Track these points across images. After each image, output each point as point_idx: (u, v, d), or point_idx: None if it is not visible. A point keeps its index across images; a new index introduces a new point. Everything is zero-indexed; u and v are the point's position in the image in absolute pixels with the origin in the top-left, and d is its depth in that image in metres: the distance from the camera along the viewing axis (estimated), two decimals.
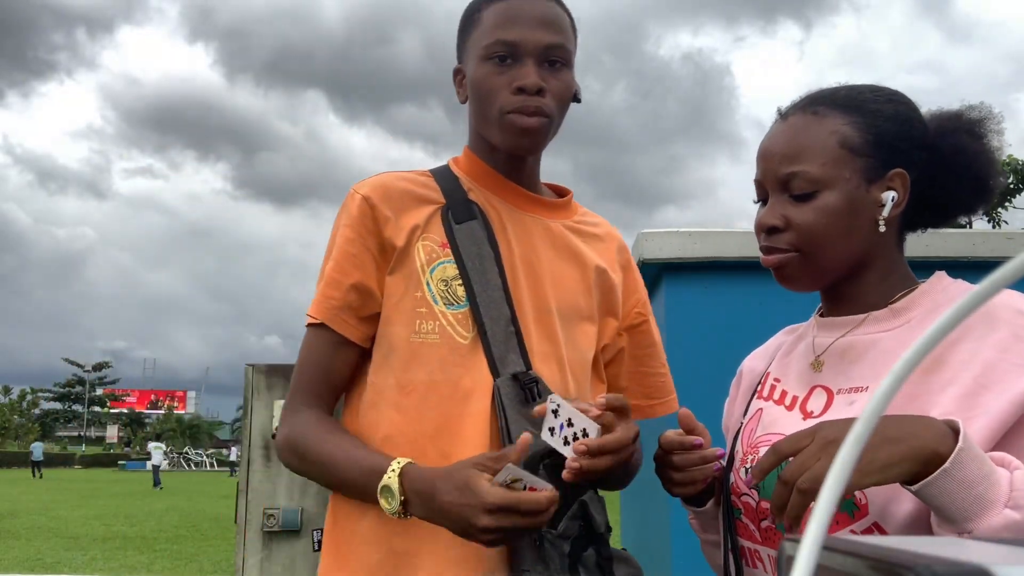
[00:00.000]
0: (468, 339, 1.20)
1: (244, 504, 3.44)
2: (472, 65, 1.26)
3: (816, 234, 1.04)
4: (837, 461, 0.31)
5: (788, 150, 1.06)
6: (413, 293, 1.22)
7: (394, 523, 1.15)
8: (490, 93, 1.23)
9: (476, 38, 1.26)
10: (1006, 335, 0.94)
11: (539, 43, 1.22)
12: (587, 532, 1.14)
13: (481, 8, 1.27)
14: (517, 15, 1.23)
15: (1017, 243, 2.05)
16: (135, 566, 9.49)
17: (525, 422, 1.16)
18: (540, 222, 1.31)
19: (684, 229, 2.03)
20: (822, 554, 0.28)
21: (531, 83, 1.20)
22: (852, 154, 1.04)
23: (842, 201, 1.04)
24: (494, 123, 1.24)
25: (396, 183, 1.29)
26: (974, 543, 0.33)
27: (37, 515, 15.34)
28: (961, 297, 1.01)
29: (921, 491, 0.82)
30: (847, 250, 1.06)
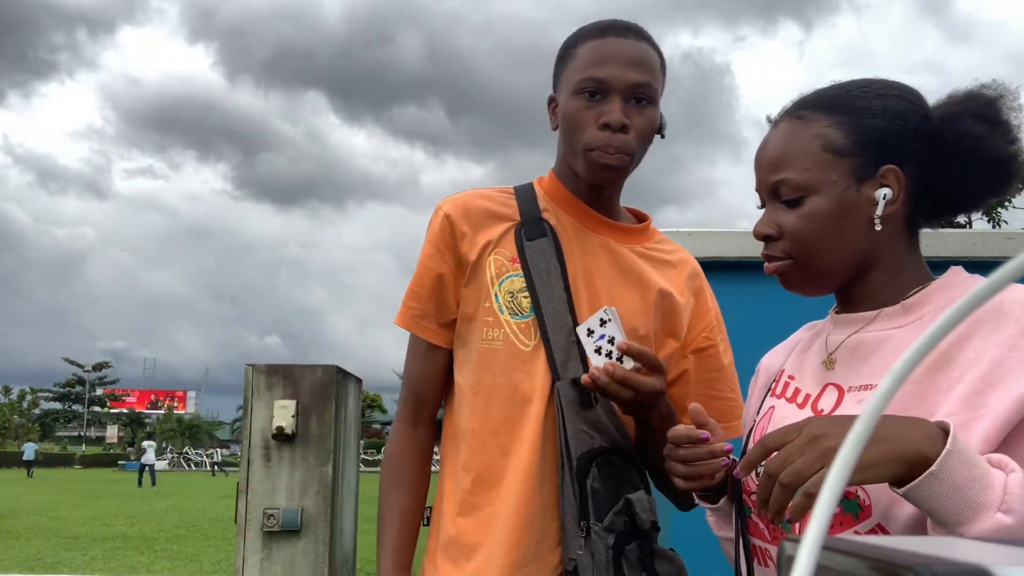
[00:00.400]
0: (530, 347, 1.32)
1: (244, 504, 3.44)
2: (564, 97, 1.36)
3: (806, 240, 1.04)
4: (838, 461, 0.31)
5: (773, 158, 1.07)
6: (483, 303, 1.35)
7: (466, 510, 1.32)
8: (578, 126, 1.33)
9: (570, 72, 1.35)
10: (1014, 332, 0.92)
11: (627, 81, 1.31)
12: (632, 528, 1.26)
13: (577, 44, 1.37)
14: (609, 54, 1.32)
15: (1017, 243, 2.05)
16: (135, 566, 9.49)
17: (582, 423, 1.28)
18: (608, 244, 1.41)
19: (684, 229, 2.03)
20: (822, 554, 0.28)
21: (615, 120, 1.30)
22: (837, 156, 1.04)
23: (831, 204, 1.03)
24: (579, 155, 1.34)
25: (476, 201, 1.41)
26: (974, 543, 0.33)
27: (37, 515, 15.35)
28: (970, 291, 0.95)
29: (909, 494, 0.82)
30: (843, 252, 1.05)
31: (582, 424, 1.27)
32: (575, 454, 1.26)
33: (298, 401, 3.61)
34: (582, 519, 1.24)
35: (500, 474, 1.30)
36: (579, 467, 1.26)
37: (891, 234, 1.05)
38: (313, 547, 3.48)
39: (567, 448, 1.27)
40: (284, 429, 3.54)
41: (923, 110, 1.05)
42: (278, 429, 3.53)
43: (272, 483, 3.52)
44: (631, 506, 1.26)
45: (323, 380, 3.68)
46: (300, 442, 3.57)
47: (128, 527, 13.49)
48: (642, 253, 1.42)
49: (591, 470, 1.25)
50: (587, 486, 1.25)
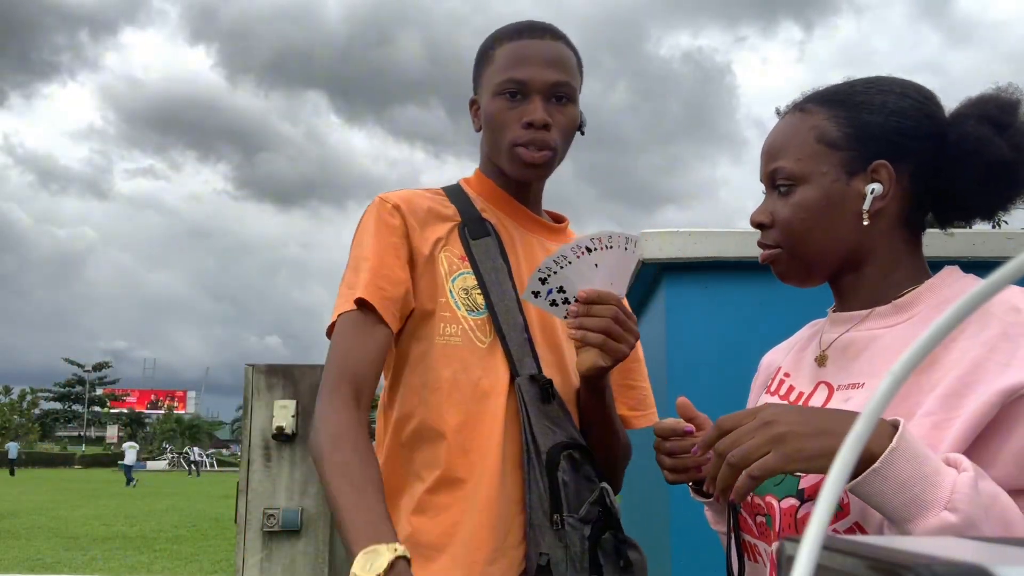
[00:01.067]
0: (486, 343, 1.32)
1: (244, 504, 3.45)
2: (486, 99, 1.39)
3: (794, 229, 1.06)
4: (838, 461, 0.31)
5: (772, 147, 1.10)
6: (439, 299, 1.33)
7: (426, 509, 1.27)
8: (501, 126, 1.36)
9: (489, 74, 1.39)
10: (996, 333, 0.91)
11: (546, 81, 1.35)
12: (606, 517, 1.27)
13: (494, 46, 1.40)
14: (527, 55, 1.36)
15: (1017, 243, 2.05)
16: (135, 566, 9.49)
17: (543, 418, 1.29)
18: (543, 243, 1.45)
19: (684, 229, 2.03)
20: (822, 554, 0.28)
21: (538, 118, 1.33)
22: (829, 148, 1.05)
23: (818, 195, 1.05)
24: (504, 154, 1.37)
25: (417, 199, 1.39)
26: (974, 543, 0.33)
27: (37, 515, 15.35)
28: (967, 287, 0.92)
29: (854, 490, 0.83)
30: (830, 244, 1.06)
31: (544, 419, 1.29)
32: (543, 448, 1.26)
33: (298, 401, 3.61)
34: (554, 512, 1.24)
35: (464, 472, 1.27)
36: (549, 460, 1.26)
37: (884, 230, 1.04)
38: (313, 547, 3.48)
39: (534, 442, 1.27)
40: (284, 429, 3.54)
41: (928, 109, 1.04)
42: (278, 429, 3.54)
43: (272, 483, 3.52)
44: (606, 495, 1.28)
45: None
46: (300, 442, 3.57)
47: (128, 527, 13.49)
48: None
49: (561, 463, 1.26)
50: (558, 479, 1.25)
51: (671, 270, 2.04)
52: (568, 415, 1.32)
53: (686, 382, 1.92)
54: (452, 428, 1.29)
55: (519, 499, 1.27)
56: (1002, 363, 0.89)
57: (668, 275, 2.05)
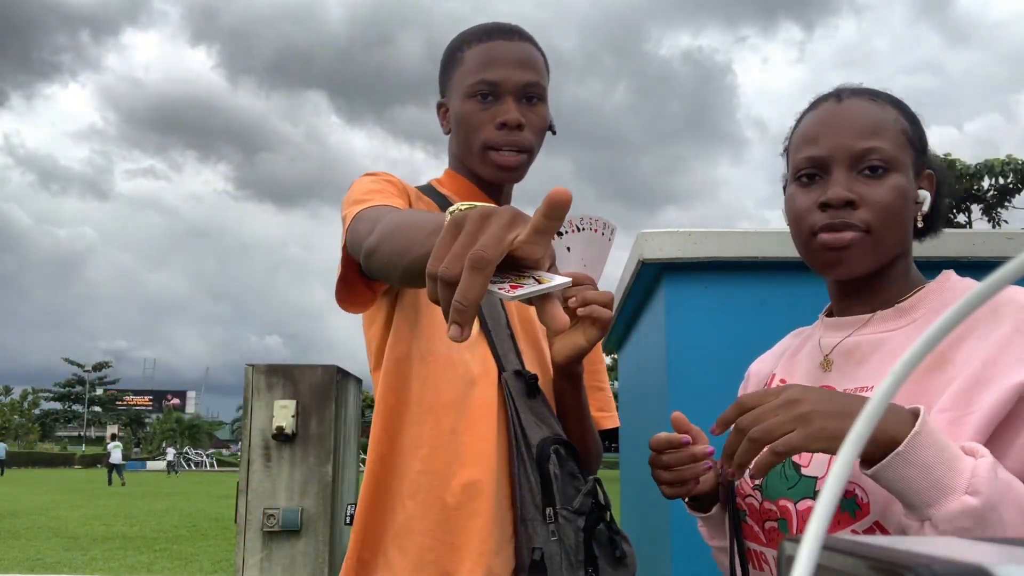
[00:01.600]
0: (474, 332, 1.29)
1: (244, 504, 3.45)
2: (456, 101, 1.38)
3: (889, 212, 1.03)
4: (838, 460, 0.31)
5: (865, 125, 1.05)
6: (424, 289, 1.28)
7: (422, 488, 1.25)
8: (474, 128, 1.35)
9: (459, 76, 1.38)
10: (1008, 330, 0.94)
11: (518, 82, 1.35)
12: (598, 508, 1.26)
13: (463, 48, 1.39)
14: (498, 57, 1.35)
15: (1017, 243, 2.05)
16: (135, 566, 9.49)
17: (529, 412, 1.28)
18: None
19: (684, 229, 2.03)
20: (822, 554, 0.28)
21: (512, 118, 1.33)
22: (909, 145, 1.06)
23: (906, 186, 1.05)
24: (476, 156, 1.36)
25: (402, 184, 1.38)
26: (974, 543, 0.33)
27: (37, 515, 15.35)
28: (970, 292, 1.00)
29: (877, 474, 0.84)
30: (902, 237, 1.06)
31: (530, 413, 1.28)
32: (533, 441, 1.26)
33: (298, 401, 3.61)
34: (547, 506, 1.23)
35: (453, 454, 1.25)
36: (540, 453, 1.25)
37: (912, 236, 1.09)
38: (313, 547, 3.48)
39: (524, 436, 1.26)
40: (284, 429, 3.54)
41: None
42: (278, 429, 3.54)
43: (272, 483, 3.53)
44: (598, 486, 1.27)
45: (323, 380, 3.68)
46: (300, 442, 3.57)
47: (128, 527, 13.48)
48: None
49: (551, 456, 1.26)
50: (550, 472, 1.24)
51: (671, 270, 2.04)
52: (551, 411, 1.32)
53: (686, 382, 1.92)
54: (443, 404, 1.26)
55: (508, 494, 1.26)
56: (1015, 360, 0.92)
57: (668, 275, 2.05)
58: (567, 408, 1.34)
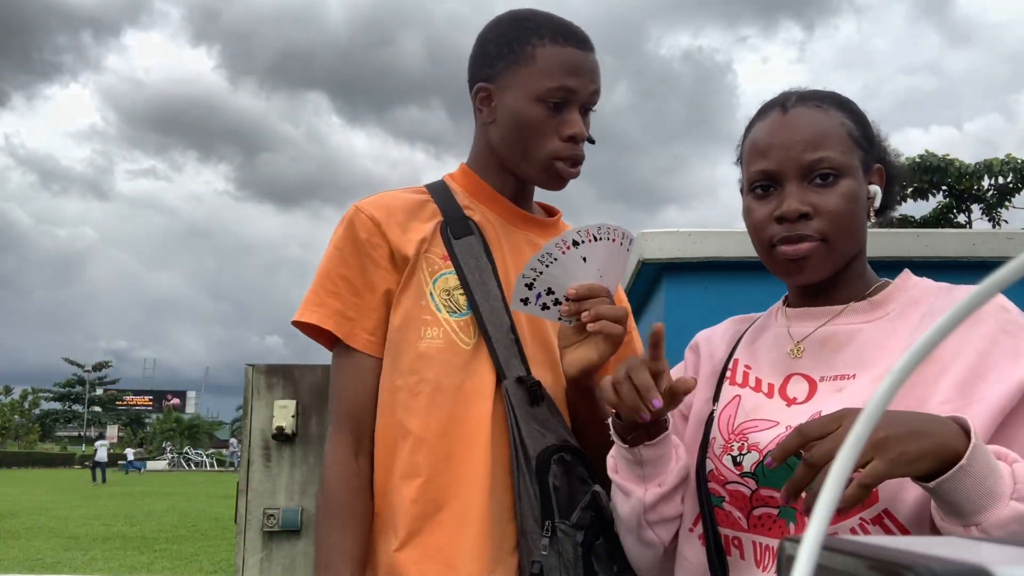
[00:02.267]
0: (471, 345, 1.28)
1: (244, 504, 3.44)
2: (520, 98, 1.30)
3: (842, 220, 1.05)
4: (838, 460, 0.31)
5: (811, 137, 1.07)
6: (419, 301, 1.29)
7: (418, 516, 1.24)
8: (540, 134, 1.29)
9: (529, 74, 1.29)
10: (992, 328, 0.98)
11: (590, 92, 1.31)
12: (598, 522, 1.23)
13: (532, 42, 1.30)
14: (579, 66, 1.31)
15: (1017, 243, 2.04)
16: (135, 566, 9.49)
17: (533, 421, 1.25)
18: (531, 240, 1.39)
19: (684, 229, 2.03)
20: (822, 554, 0.28)
21: (580, 132, 1.30)
22: (856, 146, 1.08)
23: (857, 189, 1.07)
24: (536, 163, 1.31)
25: (396, 201, 1.36)
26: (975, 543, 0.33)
27: (37, 515, 15.34)
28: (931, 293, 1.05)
29: (938, 487, 0.84)
30: (857, 239, 1.09)
31: (533, 423, 1.25)
32: (533, 453, 1.23)
33: (298, 401, 3.61)
34: (545, 519, 1.21)
35: (450, 479, 1.24)
36: (540, 465, 1.23)
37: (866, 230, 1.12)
38: (313, 547, 3.48)
39: (523, 447, 1.23)
40: (284, 429, 3.53)
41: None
42: (278, 429, 3.53)
43: (272, 483, 3.52)
44: (598, 499, 1.24)
45: (323, 380, 3.68)
46: (300, 442, 3.57)
47: (128, 527, 13.48)
48: None
49: (552, 467, 1.23)
50: (549, 484, 1.22)
51: (671, 270, 2.04)
52: (559, 416, 1.28)
53: None
54: (435, 433, 1.25)
55: (510, 506, 1.24)
56: (1009, 356, 0.96)
57: (668, 275, 2.05)
58: (584, 419, 1.32)
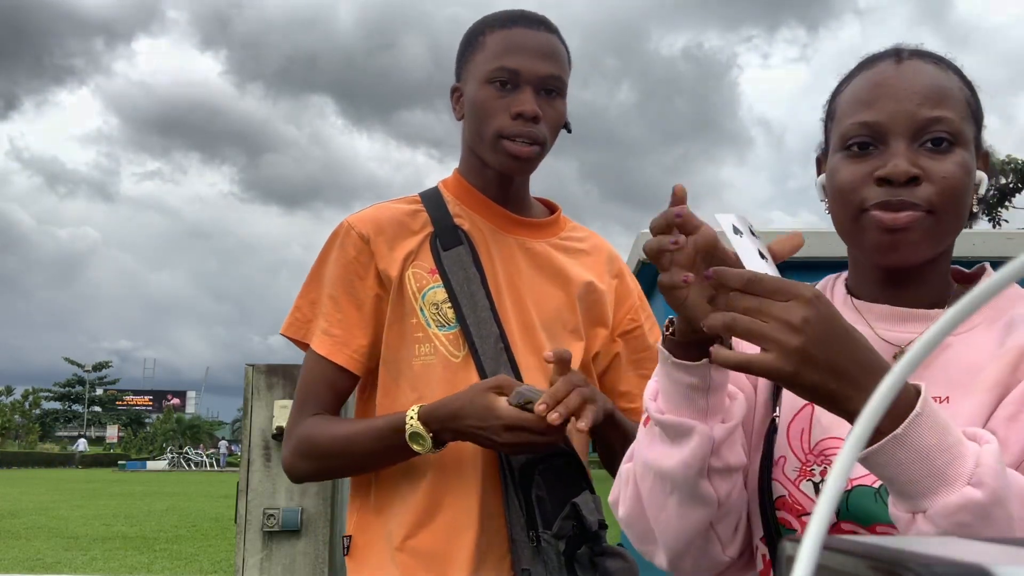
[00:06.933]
0: (459, 357, 1.29)
1: (244, 504, 3.44)
2: (472, 86, 1.33)
3: (955, 192, 0.88)
4: (838, 460, 0.31)
5: (932, 92, 0.90)
6: (409, 319, 1.31)
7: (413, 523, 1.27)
8: (489, 115, 1.30)
9: (478, 61, 1.33)
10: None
11: (539, 72, 1.30)
12: (580, 532, 1.24)
13: (484, 32, 1.34)
14: (521, 44, 1.30)
15: (1017, 243, 2.05)
16: (135, 566, 9.49)
17: None
18: (524, 244, 1.38)
19: None
20: (822, 554, 0.28)
21: (529, 110, 1.28)
22: (972, 118, 0.93)
23: (971, 164, 0.91)
24: (488, 144, 1.31)
25: (386, 215, 1.37)
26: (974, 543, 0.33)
27: (37, 515, 15.34)
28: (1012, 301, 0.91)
29: (868, 459, 0.73)
30: (961, 222, 0.92)
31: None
32: (515, 465, 1.24)
33: None
34: (530, 529, 1.23)
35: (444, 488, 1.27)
36: (522, 478, 1.25)
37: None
38: (313, 547, 3.48)
39: (508, 459, 1.25)
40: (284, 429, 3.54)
41: None
42: (278, 429, 3.53)
43: (272, 483, 3.52)
44: (577, 510, 1.25)
45: None
46: None
47: (128, 527, 13.47)
48: (557, 245, 1.41)
49: (535, 478, 1.24)
50: (532, 495, 1.24)
51: None
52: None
53: None
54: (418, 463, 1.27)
55: (500, 514, 1.26)
56: None
57: None
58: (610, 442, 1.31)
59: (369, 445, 1.27)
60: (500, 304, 1.31)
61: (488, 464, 1.27)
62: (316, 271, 1.37)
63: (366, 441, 1.27)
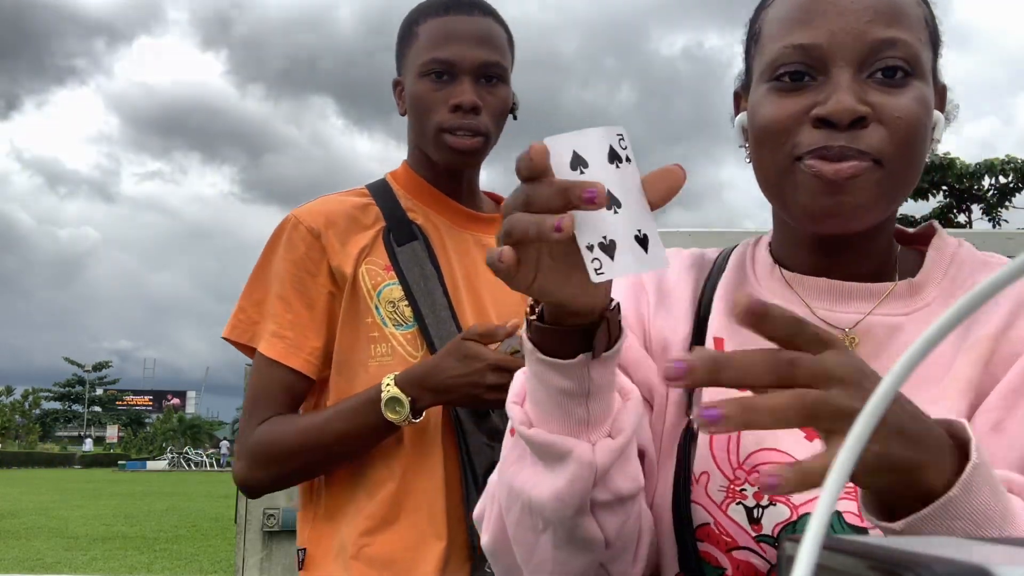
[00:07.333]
0: (418, 358, 1.24)
1: (244, 504, 3.44)
2: (410, 80, 1.29)
3: (911, 135, 0.70)
4: (838, 462, 0.31)
5: (884, 7, 0.71)
6: (364, 319, 1.25)
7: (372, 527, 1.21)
8: (427, 110, 1.25)
9: (414, 53, 1.28)
10: None
11: (475, 61, 1.25)
12: None
13: (418, 22, 1.30)
14: (453, 33, 1.25)
15: (1017, 243, 2.05)
16: (135, 566, 9.48)
17: (481, 436, 1.22)
18: (479, 240, 1.34)
19: (684, 229, 2.03)
20: (822, 554, 0.28)
21: (467, 100, 1.23)
22: (930, 43, 0.75)
23: (929, 100, 0.73)
24: (431, 140, 1.27)
25: (335, 208, 1.30)
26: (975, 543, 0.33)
27: (37, 515, 15.33)
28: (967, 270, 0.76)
29: (909, 528, 0.53)
30: (915, 178, 0.74)
31: (482, 437, 1.21)
32: (480, 469, 1.19)
33: None
34: None
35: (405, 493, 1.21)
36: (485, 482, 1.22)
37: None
38: None
39: (471, 464, 1.21)
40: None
41: None
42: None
43: None
44: None
45: None
46: None
47: (128, 527, 13.47)
48: None
49: None
50: None
51: None
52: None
53: None
54: (391, 447, 1.22)
55: (461, 518, 1.22)
56: None
57: None
58: None
59: (341, 427, 1.19)
60: (457, 302, 1.26)
61: (452, 466, 1.22)
62: (260, 269, 1.30)
63: (338, 424, 1.20)
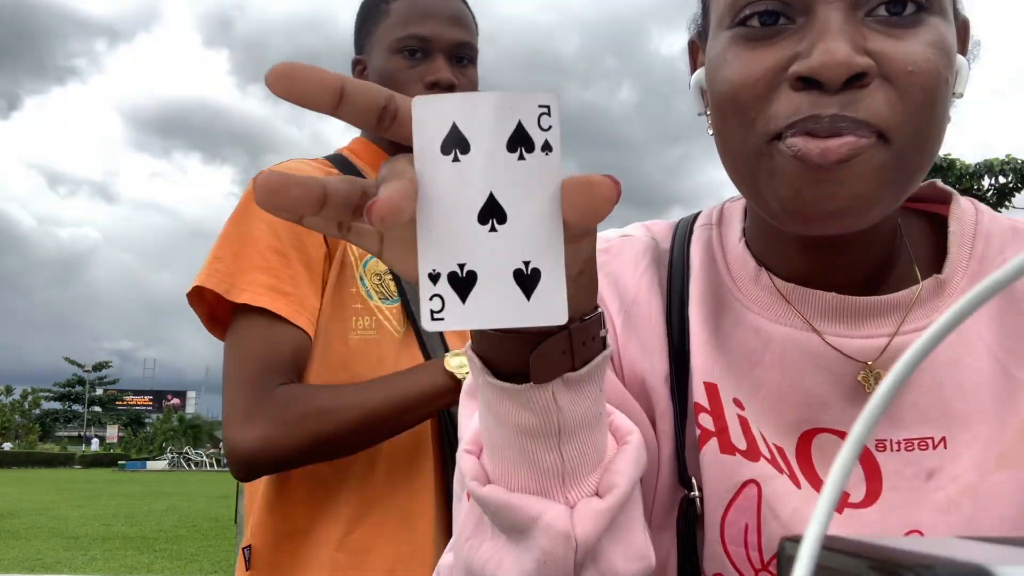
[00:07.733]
0: (401, 333, 1.21)
1: (244, 504, 3.44)
2: (380, 57, 1.26)
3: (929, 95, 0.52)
4: (838, 461, 0.31)
5: None
6: (348, 289, 1.20)
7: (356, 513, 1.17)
8: (400, 87, 1.19)
9: (384, 30, 1.26)
10: None
11: (451, 39, 1.24)
12: None
13: (388, 1, 1.27)
14: (429, 10, 1.24)
15: None
16: (135, 566, 9.48)
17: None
18: None
19: None
20: (822, 554, 0.28)
21: (444, 78, 1.21)
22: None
23: (950, 43, 0.54)
24: None
25: (313, 171, 1.20)
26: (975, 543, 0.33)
27: (37, 515, 15.33)
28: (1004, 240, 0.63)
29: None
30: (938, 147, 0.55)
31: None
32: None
33: None
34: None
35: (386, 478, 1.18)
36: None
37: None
38: None
39: (451, 444, 1.18)
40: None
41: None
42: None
43: None
44: None
45: None
46: None
47: (128, 527, 13.47)
48: None
49: None
50: None
51: None
52: None
53: None
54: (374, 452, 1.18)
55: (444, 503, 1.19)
56: None
57: None
58: None
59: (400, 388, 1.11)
60: None
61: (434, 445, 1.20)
62: (237, 223, 1.19)
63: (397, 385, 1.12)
